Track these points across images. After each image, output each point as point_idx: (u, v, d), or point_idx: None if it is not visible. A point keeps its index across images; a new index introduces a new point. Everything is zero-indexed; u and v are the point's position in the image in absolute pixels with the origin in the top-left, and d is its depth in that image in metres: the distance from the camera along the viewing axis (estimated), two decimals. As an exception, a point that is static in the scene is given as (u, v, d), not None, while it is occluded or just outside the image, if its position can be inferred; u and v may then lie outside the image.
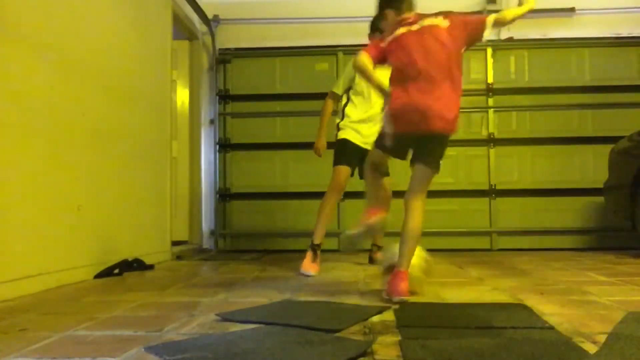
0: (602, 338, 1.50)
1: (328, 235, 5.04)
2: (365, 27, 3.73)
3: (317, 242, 3.43)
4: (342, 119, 3.65)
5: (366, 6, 5.27)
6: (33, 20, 2.64)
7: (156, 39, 4.26)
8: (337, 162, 3.58)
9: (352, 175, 3.61)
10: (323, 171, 3.89)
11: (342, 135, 3.61)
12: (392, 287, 2.18)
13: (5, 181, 2.41)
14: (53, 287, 2.67)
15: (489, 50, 5.24)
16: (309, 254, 3.33)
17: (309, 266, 3.25)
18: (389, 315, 1.88)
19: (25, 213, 2.54)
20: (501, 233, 5.15)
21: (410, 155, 2.44)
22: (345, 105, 3.66)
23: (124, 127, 3.56)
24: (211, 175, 5.44)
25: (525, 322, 1.73)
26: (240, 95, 5.49)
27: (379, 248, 3.81)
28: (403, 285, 2.17)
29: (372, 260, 3.76)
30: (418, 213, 2.33)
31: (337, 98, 3.69)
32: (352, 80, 3.59)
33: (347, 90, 3.65)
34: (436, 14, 2.42)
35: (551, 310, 1.95)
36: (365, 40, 3.78)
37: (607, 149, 4.50)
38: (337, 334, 1.61)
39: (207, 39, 5.49)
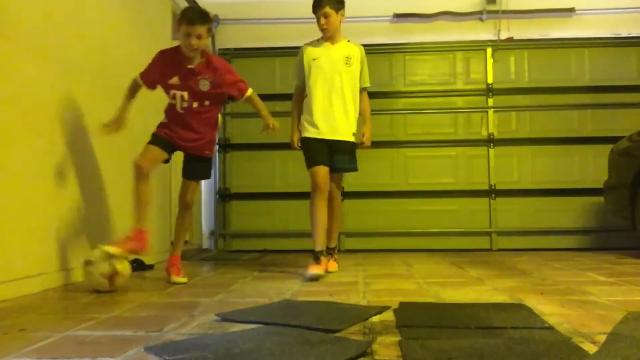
0: (602, 338, 1.50)
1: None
2: (365, 27, 3.74)
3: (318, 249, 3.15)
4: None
5: (366, 6, 5.31)
6: (33, 21, 2.64)
7: (156, 38, 4.26)
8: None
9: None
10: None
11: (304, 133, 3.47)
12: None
13: (5, 181, 2.41)
14: (53, 287, 2.67)
15: (489, 51, 5.24)
16: (312, 261, 3.05)
17: (311, 267, 2.97)
18: (388, 315, 1.88)
19: (25, 213, 2.54)
20: (501, 233, 5.15)
21: None
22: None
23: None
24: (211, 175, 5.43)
25: (525, 322, 1.73)
26: (240, 95, 5.49)
27: None
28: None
29: None
30: None
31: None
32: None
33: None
34: None
35: (551, 310, 1.95)
36: (364, 40, 3.78)
37: (607, 149, 4.50)
38: (337, 334, 1.61)
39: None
